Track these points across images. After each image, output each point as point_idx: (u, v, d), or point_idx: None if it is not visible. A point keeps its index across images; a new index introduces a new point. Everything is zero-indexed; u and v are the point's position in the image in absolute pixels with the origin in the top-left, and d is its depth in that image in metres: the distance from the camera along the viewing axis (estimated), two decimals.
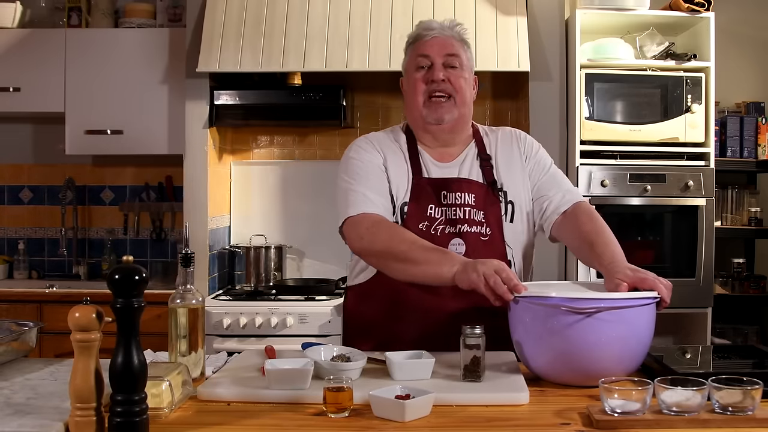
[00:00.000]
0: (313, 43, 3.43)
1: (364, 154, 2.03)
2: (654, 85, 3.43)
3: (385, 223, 1.92)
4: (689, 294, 3.39)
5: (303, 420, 1.42)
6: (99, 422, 1.26)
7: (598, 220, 2.00)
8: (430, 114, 2.00)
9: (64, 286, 3.70)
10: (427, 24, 2.06)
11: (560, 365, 1.61)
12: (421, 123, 2.03)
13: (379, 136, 2.10)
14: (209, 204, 3.59)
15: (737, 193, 3.71)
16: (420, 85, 2.01)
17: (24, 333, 1.77)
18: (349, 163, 2.03)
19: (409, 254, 1.81)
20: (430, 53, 2.00)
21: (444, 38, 2.02)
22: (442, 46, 2.01)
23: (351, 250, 1.98)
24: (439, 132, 2.03)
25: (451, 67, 2.00)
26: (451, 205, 1.98)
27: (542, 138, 3.40)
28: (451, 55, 2.00)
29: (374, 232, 1.88)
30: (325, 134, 4.00)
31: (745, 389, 1.38)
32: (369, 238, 1.89)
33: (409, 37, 2.08)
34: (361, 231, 1.90)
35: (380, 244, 1.87)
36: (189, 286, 1.66)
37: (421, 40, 2.03)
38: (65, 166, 4.08)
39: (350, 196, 1.96)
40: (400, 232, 1.89)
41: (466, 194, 1.99)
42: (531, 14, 3.55)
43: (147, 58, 3.70)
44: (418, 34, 2.06)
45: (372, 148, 2.05)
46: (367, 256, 1.95)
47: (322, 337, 3.26)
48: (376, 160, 2.02)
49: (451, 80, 1.99)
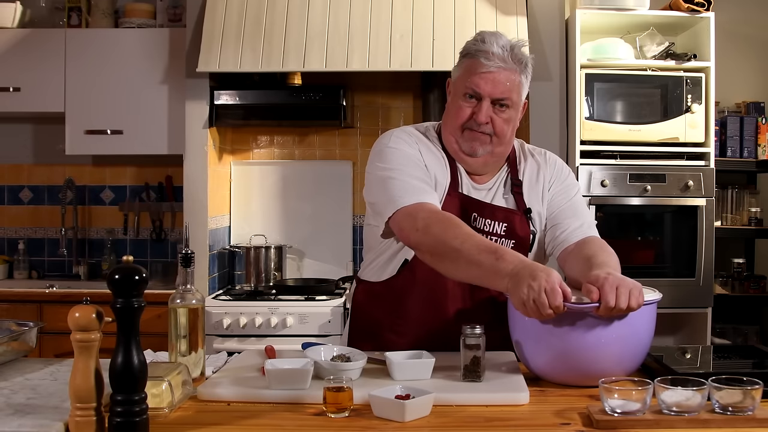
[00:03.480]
0: (313, 43, 3.43)
1: (404, 145, 1.92)
2: (654, 85, 3.43)
3: (440, 215, 1.79)
4: (689, 294, 3.39)
5: (303, 420, 1.42)
6: (99, 422, 1.26)
7: (608, 248, 1.87)
8: (465, 144, 1.91)
9: (64, 286, 3.70)
10: (489, 45, 1.87)
11: (560, 365, 1.61)
12: (455, 147, 1.94)
13: (416, 133, 1.98)
14: (209, 204, 3.59)
15: (737, 193, 3.71)
16: (462, 114, 1.90)
17: (24, 333, 1.77)
18: (387, 152, 1.90)
19: (461, 253, 1.68)
20: (482, 91, 1.87)
21: (501, 73, 1.86)
22: (496, 85, 1.86)
23: (404, 242, 1.86)
24: (471, 162, 1.94)
25: (500, 106, 1.89)
26: (479, 230, 1.89)
27: (542, 138, 3.45)
28: (501, 98, 1.87)
29: (429, 224, 1.75)
30: (325, 134, 4.00)
31: (745, 389, 1.38)
32: (423, 229, 1.75)
33: (467, 45, 1.93)
34: (416, 223, 1.76)
35: (433, 237, 1.73)
36: (189, 286, 1.66)
37: (477, 66, 1.87)
38: (65, 166, 4.08)
39: (397, 185, 1.83)
40: (454, 225, 1.75)
41: (496, 223, 1.91)
42: (531, 14, 3.55)
43: (147, 58, 3.70)
44: (475, 53, 1.88)
45: (413, 141, 1.94)
46: (422, 250, 1.80)
47: (322, 337, 3.26)
48: (417, 153, 1.91)
49: (494, 122, 1.88)
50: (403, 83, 3.92)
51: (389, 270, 1.96)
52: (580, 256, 1.84)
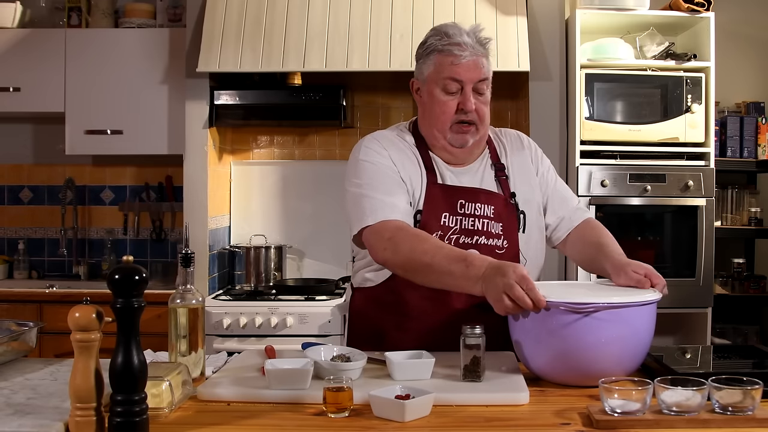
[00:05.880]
0: (313, 43, 3.43)
1: (374, 156, 1.93)
2: (654, 85, 3.43)
3: (407, 231, 1.82)
4: (689, 294, 3.39)
5: (303, 420, 1.42)
6: (99, 422, 1.26)
7: (605, 230, 2.04)
8: (456, 138, 1.94)
9: (64, 286, 3.70)
10: (457, 37, 1.91)
11: (560, 365, 1.61)
12: (443, 143, 1.96)
13: (387, 136, 2.01)
14: (209, 204, 3.59)
15: (737, 193, 3.71)
16: (448, 110, 1.93)
17: (24, 333, 1.77)
18: (358, 166, 1.93)
19: (432, 267, 1.73)
20: (464, 79, 1.90)
21: (476, 60, 1.91)
22: (475, 70, 1.91)
23: (374, 260, 1.88)
24: (460, 153, 1.98)
25: (480, 93, 1.94)
26: (469, 215, 1.92)
27: (542, 138, 3.45)
28: (481, 81, 1.92)
29: (396, 242, 1.78)
30: (325, 134, 4.00)
31: (745, 389, 1.38)
32: (392, 248, 1.79)
33: (432, 43, 1.94)
34: (383, 242, 1.80)
35: (402, 255, 1.77)
36: (189, 286, 1.66)
37: (451, 60, 1.90)
38: (65, 166, 4.08)
39: (365, 202, 1.86)
40: (422, 240, 1.79)
41: (485, 206, 1.93)
42: (531, 14, 3.55)
43: (147, 58, 3.70)
44: (448, 50, 1.91)
45: (381, 148, 1.95)
46: (392, 267, 1.85)
47: (322, 337, 3.26)
48: (388, 161, 1.93)
49: (478, 110, 1.93)
50: (403, 83, 3.86)
51: (385, 270, 1.95)
52: (587, 241, 2.00)
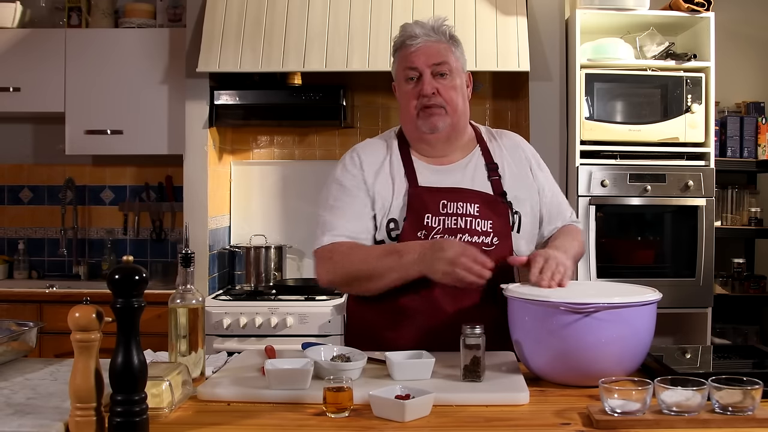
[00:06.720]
0: (313, 43, 3.43)
1: (345, 176, 2.01)
2: (654, 85, 3.43)
3: (340, 249, 1.93)
4: (689, 294, 3.39)
5: (303, 420, 1.42)
6: (99, 422, 1.26)
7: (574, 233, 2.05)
8: (424, 124, 1.96)
9: (64, 286, 3.70)
10: (410, 30, 1.98)
11: (560, 365, 1.61)
12: (417, 134, 2.00)
13: (368, 149, 2.07)
14: (209, 204, 3.59)
15: (737, 193, 3.71)
16: (411, 99, 1.97)
17: (24, 333, 1.77)
18: (331, 186, 2.03)
19: (371, 271, 1.86)
20: (418, 65, 1.94)
21: (430, 45, 1.95)
22: (429, 55, 1.94)
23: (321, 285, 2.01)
24: (435, 141, 1.99)
25: (440, 75, 1.95)
26: (452, 215, 1.93)
27: (542, 138, 3.46)
28: (438, 64, 1.95)
29: (334, 261, 1.92)
30: (325, 134, 4.00)
31: (745, 389, 1.38)
32: (332, 269, 1.93)
33: (395, 43, 2.02)
34: (325, 265, 1.95)
35: (342, 271, 1.91)
36: (189, 286, 1.66)
37: (406, 50, 1.97)
38: (65, 166, 4.08)
39: (320, 226, 1.99)
40: (354, 251, 1.91)
41: (468, 204, 1.94)
42: (531, 14, 3.55)
43: (147, 58, 3.70)
44: (402, 42, 1.98)
45: (355, 167, 2.02)
46: (338, 285, 2.01)
47: (322, 337, 3.26)
48: (358, 180, 1.99)
49: (441, 92, 1.94)
50: None
51: None
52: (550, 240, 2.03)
